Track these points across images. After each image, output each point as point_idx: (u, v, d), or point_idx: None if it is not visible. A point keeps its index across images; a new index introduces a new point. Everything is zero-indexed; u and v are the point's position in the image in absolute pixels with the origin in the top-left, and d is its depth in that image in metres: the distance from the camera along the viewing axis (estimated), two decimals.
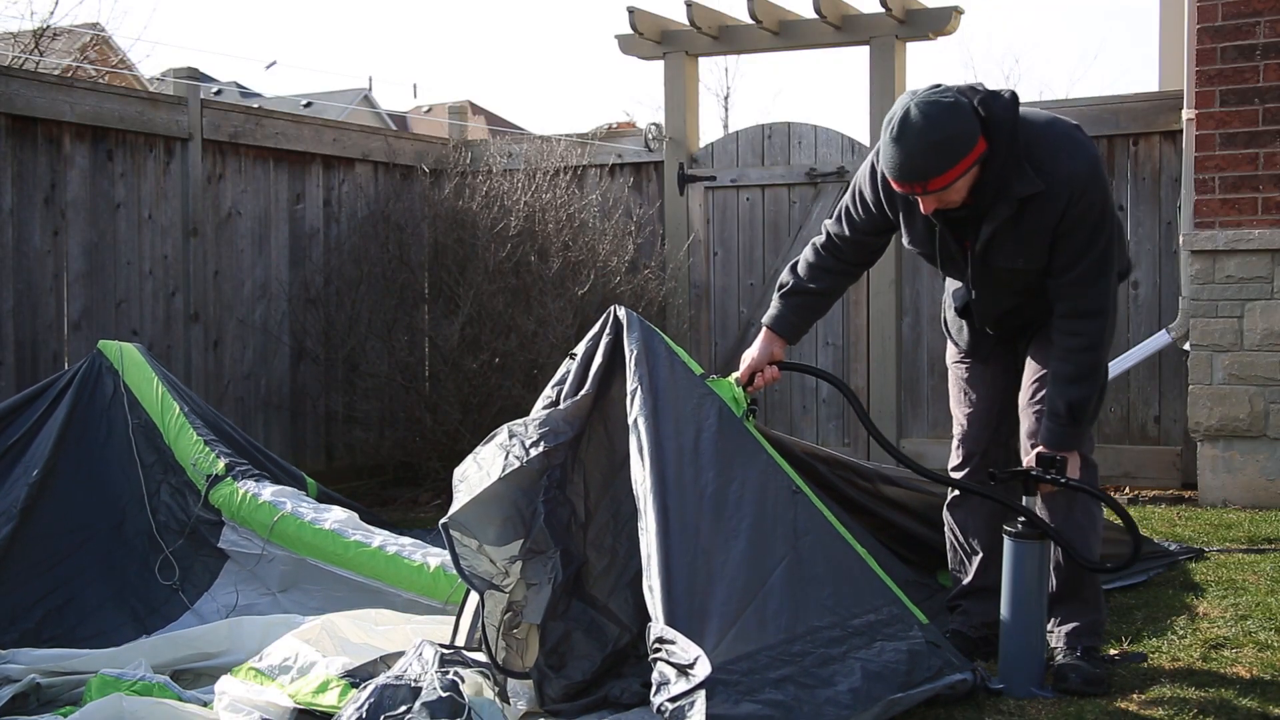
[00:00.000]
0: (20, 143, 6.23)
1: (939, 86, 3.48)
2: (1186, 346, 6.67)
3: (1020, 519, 3.61)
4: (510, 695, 3.37)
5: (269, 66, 54.36)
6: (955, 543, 4.08)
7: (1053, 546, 3.65)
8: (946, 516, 4.10)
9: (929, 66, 48.97)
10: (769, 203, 8.14)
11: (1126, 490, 6.98)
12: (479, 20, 79.81)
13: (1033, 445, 3.75)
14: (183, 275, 6.99)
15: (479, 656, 3.33)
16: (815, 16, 7.76)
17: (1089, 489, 3.65)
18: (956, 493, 4.04)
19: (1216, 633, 4.08)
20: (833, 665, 3.15)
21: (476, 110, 31.35)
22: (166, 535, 4.73)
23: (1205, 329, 6.55)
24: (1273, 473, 6.42)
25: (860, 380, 7.87)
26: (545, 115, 64.54)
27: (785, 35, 8.08)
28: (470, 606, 3.53)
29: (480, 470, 3.39)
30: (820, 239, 3.95)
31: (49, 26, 16.34)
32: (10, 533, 4.55)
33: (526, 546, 3.38)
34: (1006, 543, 3.62)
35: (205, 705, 3.51)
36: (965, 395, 4.05)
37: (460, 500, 3.34)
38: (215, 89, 23.00)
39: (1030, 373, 3.83)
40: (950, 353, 4.15)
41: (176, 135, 6.93)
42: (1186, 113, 6.68)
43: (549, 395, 3.61)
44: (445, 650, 3.24)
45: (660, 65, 8.41)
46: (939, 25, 7.68)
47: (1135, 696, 3.46)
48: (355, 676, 3.32)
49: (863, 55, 7.88)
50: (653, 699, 2.90)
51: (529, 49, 73.52)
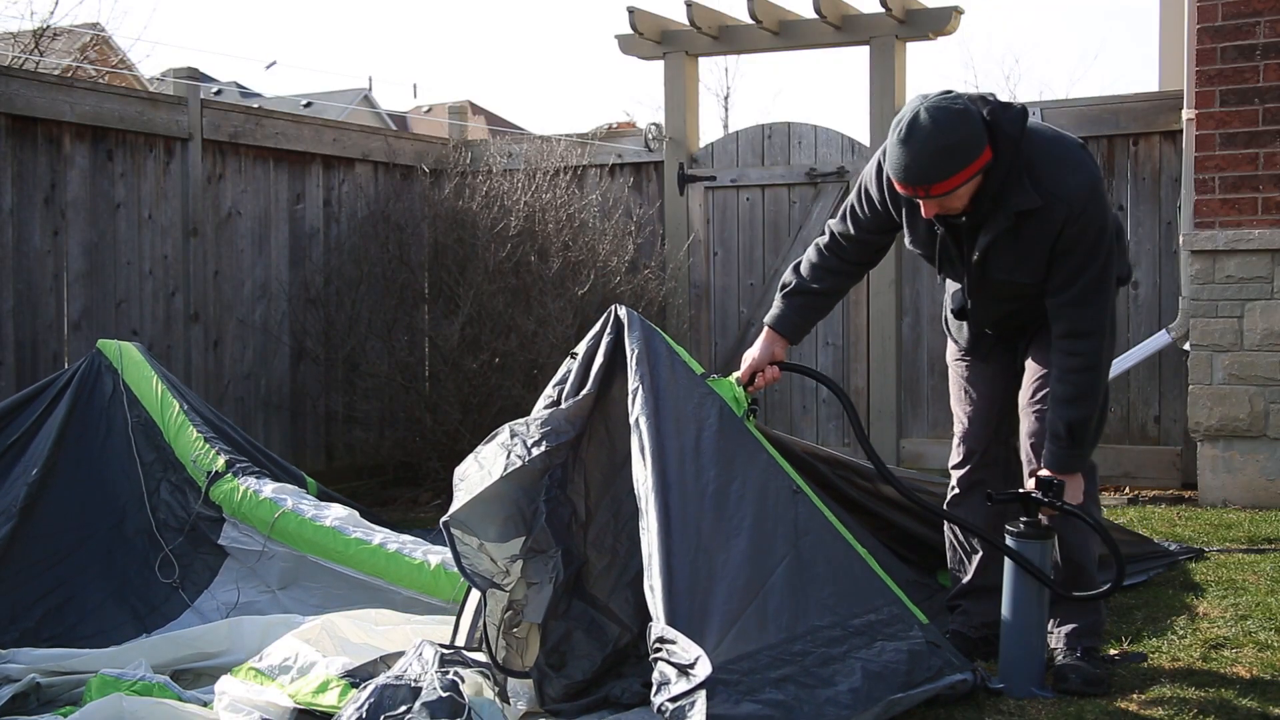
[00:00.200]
0: (20, 143, 6.23)
1: (950, 92, 3.48)
2: (1186, 346, 6.67)
3: (1022, 520, 3.61)
4: (510, 695, 3.37)
5: (269, 66, 54.36)
6: (955, 542, 4.08)
7: (1054, 545, 3.65)
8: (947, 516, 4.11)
9: (929, 66, 49.02)
10: (769, 203, 8.14)
11: (1127, 490, 6.98)
12: (479, 20, 79.81)
13: (1032, 445, 3.76)
14: (183, 275, 6.99)
15: (479, 656, 3.33)
16: (815, 16, 7.76)
17: (1085, 517, 3.63)
18: (956, 491, 4.04)
19: (1216, 633, 4.08)
20: (833, 665, 3.15)
21: (476, 110, 31.34)
22: (166, 533, 4.72)
23: (1205, 329, 6.55)
24: (1273, 473, 6.42)
25: (860, 380, 7.87)
26: (545, 115, 64.59)
27: (785, 35, 8.08)
28: (470, 606, 3.53)
29: (481, 470, 3.39)
30: (823, 239, 3.95)
31: (49, 26, 16.34)
32: (10, 532, 4.55)
33: (527, 545, 3.38)
34: (1008, 542, 3.62)
35: (205, 705, 3.51)
36: (966, 393, 4.06)
37: (461, 499, 3.34)
38: (215, 89, 22.99)
39: (1031, 372, 3.83)
40: (950, 351, 4.15)
41: (176, 135, 6.93)
42: (1186, 113, 6.68)
43: (550, 395, 3.61)
44: (445, 650, 3.24)
45: (660, 65, 8.42)
46: (939, 25, 7.69)
47: (1135, 696, 3.46)
48: (355, 676, 3.32)
49: (863, 55, 7.89)
50: (653, 699, 2.90)
51: (529, 49, 73.52)
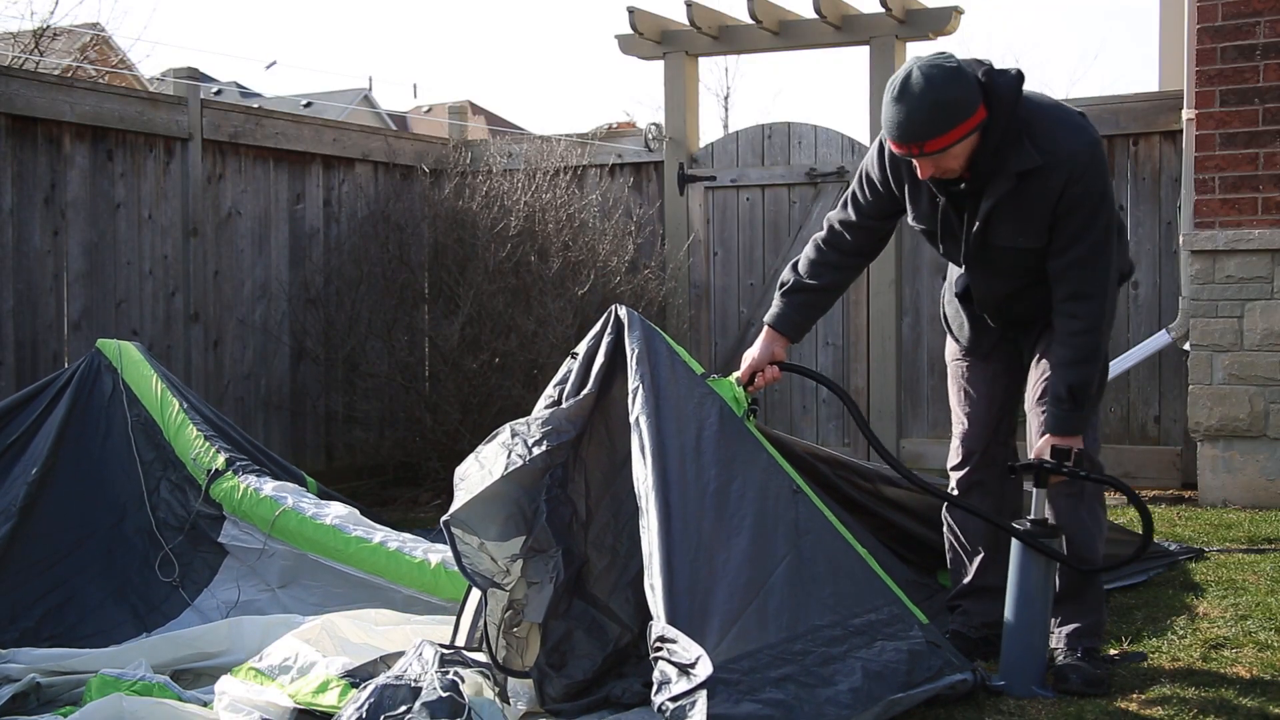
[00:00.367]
0: (20, 143, 6.23)
1: (944, 53, 3.50)
2: (1186, 346, 6.67)
3: (1029, 518, 3.61)
4: (510, 695, 3.36)
5: (269, 66, 54.40)
6: (955, 543, 4.07)
7: (1061, 544, 3.64)
8: (946, 517, 4.10)
9: None
10: (769, 203, 8.14)
11: None
12: (479, 20, 79.83)
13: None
14: (183, 275, 6.99)
15: (479, 656, 3.33)
16: (815, 16, 7.76)
17: (1104, 478, 3.64)
18: (956, 493, 4.02)
19: (1216, 633, 4.07)
20: (833, 665, 3.15)
21: (476, 110, 31.34)
22: (166, 532, 4.72)
23: (1205, 329, 6.55)
24: (1273, 473, 6.42)
25: (860, 380, 7.87)
26: (545, 115, 64.60)
27: (785, 35, 8.08)
28: (470, 606, 3.52)
29: (482, 469, 3.38)
30: (822, 234, 3.93)
31: (49, 26, 16.34)
32: (10, 531, 4.54)
33: (528, 545, 3.38)
34: (1015, 542, 3.61)
35: (205, 705, 3.50)
36: (965, 393, 4.03)
37: (462, 498, 3.33)
38: (215, 89, 22.99)
39: (1039, 373, 3.78)
40: (950, 350, 4.12)
41: (176, 135, 6.93)
42: (1186, 113, 6.68)
43: (551, 394, 3.61)
44: (445, 650, 3.24)
45: (660, 65, 8.41)
46: (939, 25, 7.69)
47: (1135, 696, 3.46)
48: (355, 676, 3.32)
49: (863, 55, 7.89)
50: (653, 698, 2.89)
51: (529, 49, 73.54)
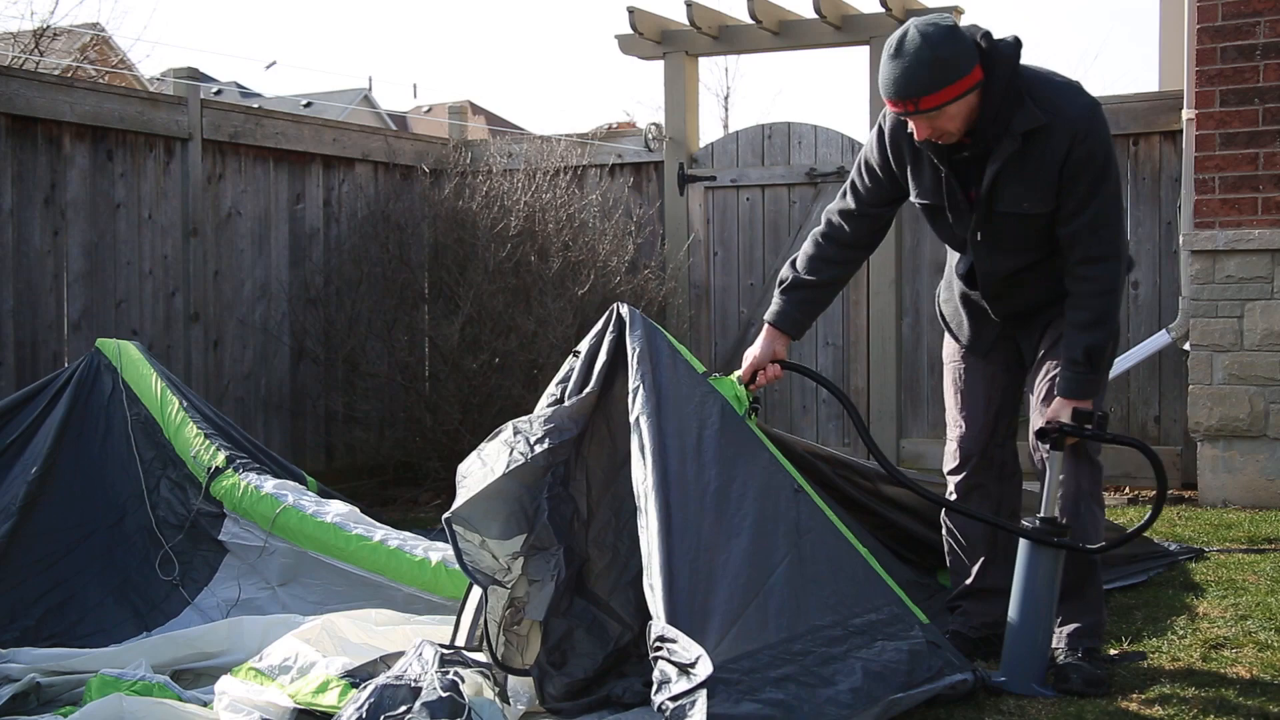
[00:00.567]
0: (20, 143, 6.23)
1: (942, 13, 3.52)
2: (1186, 346, 6.67)
3: (1039, 516, 3.60)
4: (510, 695, 3.36)
5: (269, 66, 54.37)
6: (955, 546, 4.06)
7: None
8: (945, 520, 4.08)
9: None
10: (769, 203, 8.15)
11: (1126, 490, 6.98)
12: (479, 20, 79.85)
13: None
14: (183, 275, 6.99)
15: (479, 656, 3.33)
16: (815, 16, 7.76)
17: (1125, 438, 3.65)
18: (954, 497, 4.00)
19: (1216, 633, 4.07)
20: (834, 664, 3.14)
21: (476, 110, 31.35)
22: (166, 530, 4.71)
23: (1205, 329, 6.55)
24: (1273, 473, 6.42)
25: (860, 380, 7.87)
26: (545, 115, 64.61)
27: (785, 35, 8.08)
28: (470, 606, 3.52)
29: (484, 466, 3.38)
30: (820, 228, 3.92)
31: (49, 26, 16.36)
32: (10, 530, 4.54)
33: (529, 543, 3.37)
34: (1022, 540, 3.61)
35: (205, 705, 3.50)
36: (963, 395, 4.00)
37: (464, 496, 3.33)
38: (215, 89, 23.00)
39: (1046, 371, 3.76)
40: (948, 350, 4.09)
41: (176, 135, 6.93)
42: (1186, 113, 6.68)
43: (553, 393, 3.60)
44: (445, 650, 3.24)
45: (660, 65, 8.42)
46: None
47: (1135, 696, 3.46)
48: (355, 676, 3.32)
49: (863, 55, 7.89)
50: (653, 698, 2.89)
51: (529, 49, 73.57)
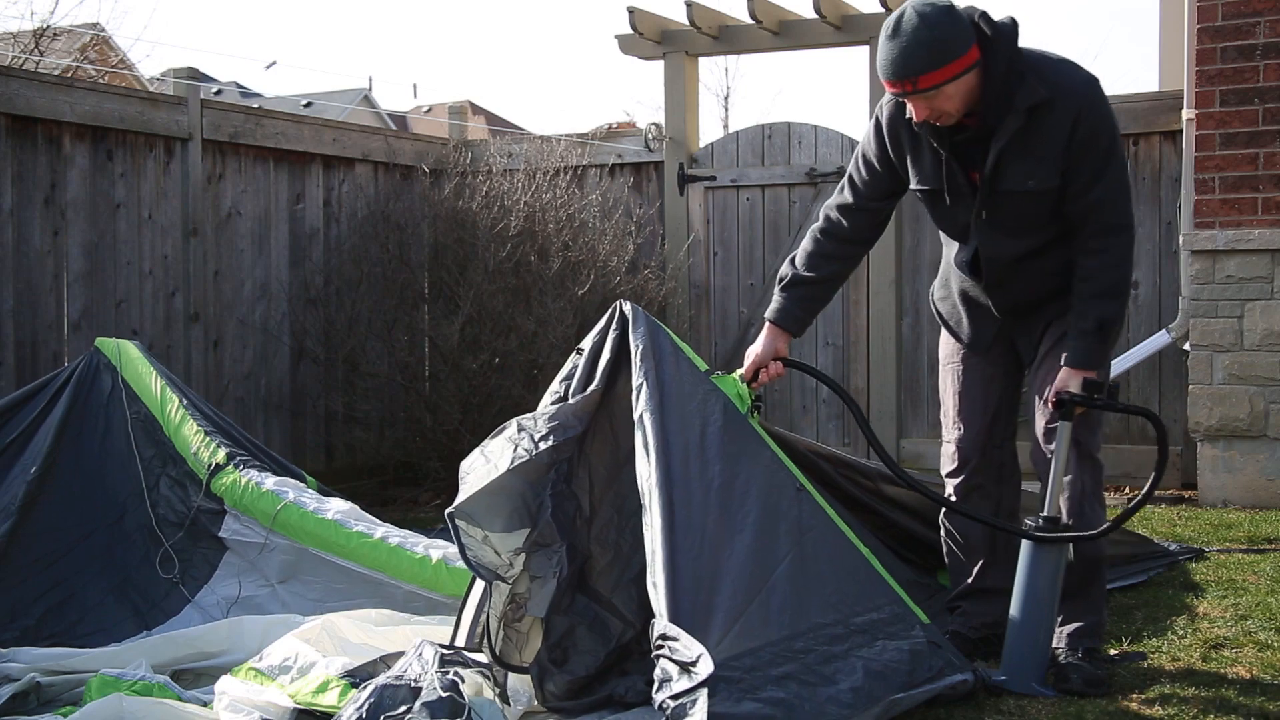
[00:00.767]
0: (20, 143, 6.23)
1: None
2: (1186, 346, 6.67)
3: (1041, 515, 3.60)
4: (510, 696, 3.36)
5: (269, 66, 54.39)
6: (954, 547, 4.05)
7: (1068, 545, 3.63)
8: (944, 523, 4.07)
9: None
10: (769, 203, 8.15)
11: (1127, 490, 6.98)
12: (479, 20, 79.87)
13: (1048, 424, 3.70)
14: (183, 275, 6.99)
15: (479, 657, 3.32)
16: (815, 16, 7.76)
17: (1133, 407, 3.64)
18: (954, 499, 3.99)
19: (1216, 633, 4.07)
20: (835, 663, 3.14)
21: (476, 110, 31.35)
22: (166, 528, 4.69)
23: (1205, 329, 6.55)
24: (1273, 473, 6.42)
25: (860, 380, 7.87)
26: (545, 115, 64.62)
27: (785, 35, 8.08)
28: (470, 606, 3.51)
29: (488, 463, 3.37)
30: (818, 224, 3.91)
31: (49, 26, 16.36)
32: (9, 530, 4.52)
33: (532, 539, 3.37)
34: (1025, 540, 3.60)
35: (205, 705, 3.50)
36: (961, 396, 3.97)
37: (467, 491, 3.32)
38: (215, 89, 23.00)
39: (1044, 372, 3.74)
40: (945, 350, 4.05)
41: (176, 135, 6.93)
42: (1186, 113, 6.68)
43: (557, 391, 3.59)
44: (445, 650, 3.23)
45: (660, 65, 8.42)
46: None
47: (1135, 696, 3.46)
48: (355, 676, 3.31)
49: (863, 55, 7.90)
50: (654, 696, 2.89)
51: (529, 49, 73.59)
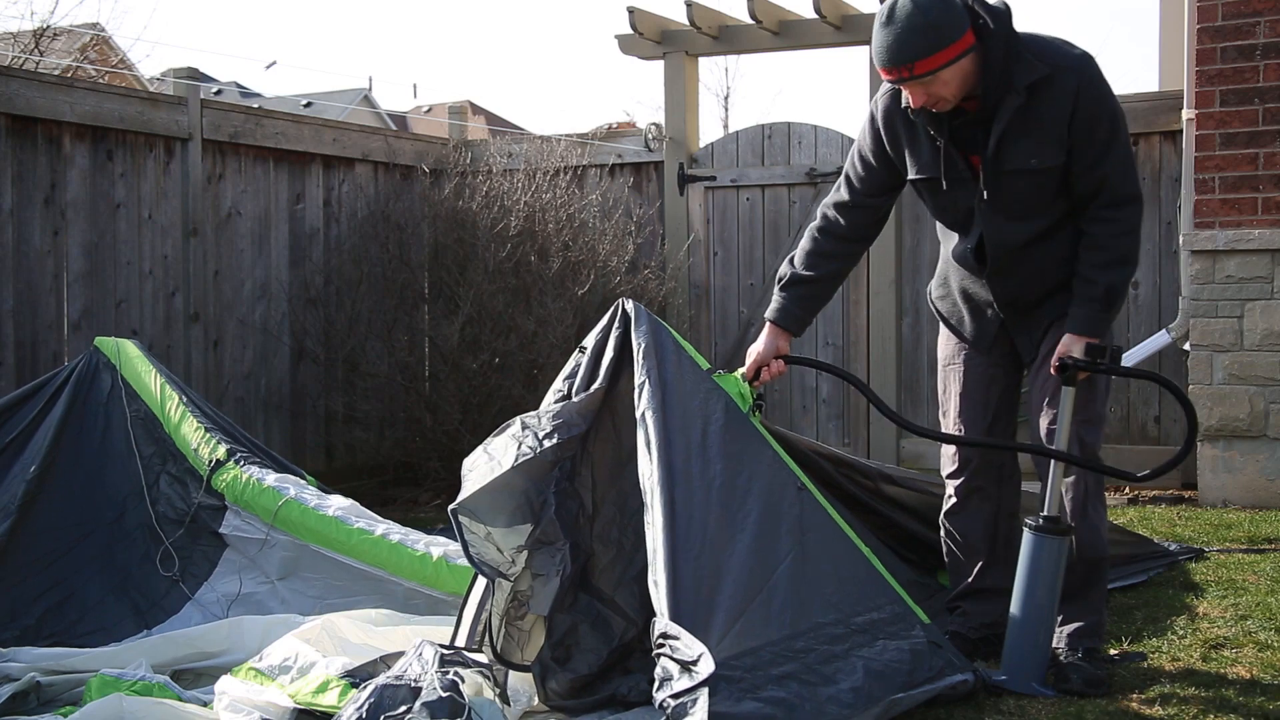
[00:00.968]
0: (20, 143, 6.23)
1: None
2: (1186, 346, 6.67)
3: (1042, 514, 3.60)
4: (510, 696, 3.36)
5: (269, 66, 54.44)
6: (954, 546, 4.05)
7: (1070, 543, 3.63)
8: (944, 524, 4.06)
9: None
10: (769, 203, 8.15)
11: (1126, 490, 6.98)
12: (479, 20, 79.90)
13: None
14: (183, 275, 6.99)
15: (479, 657, 3.32)
16: (815, 16, 7.76)
17: (1140, 371, 3.62)
18: (954, 500, 3.99)
19: (1216, 633, 4.07)
20: (835, 663, 3.14)
21: (476, 110, 31.36)
22: (166, 526, 4.69)
23: (1205, 329, 6.55)
24: (1273, 473, 6.42)
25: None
26: (545, 115, 64.65)
27: (785, 35, 8.08)
28: (471, 606, 3.51)
29: (491, 460, 3.37)
30: (816, 223, 3.91)
31: (49, 26, 16.37)
32: (9, 529, 4.52)
33: (534, 536, 3.37)
34: (1026, 536, 3.59)
35: (205, 705, 3.50)
36: (961, 397, 3.96)
37: (470, 488, 3.32)
38: (215, 89, 23.00)
39: (1044, 373, 3.73)
40: (944, 351, 4.04)
41: (176, 135, 6.93)
42: (1186, 113, 6.68)
43: (560, 389, 3.59)
44: (445, 650, 3.23)
45: (660, 65, 8.42)
46: None
47: (1135, 696, 3.46)
48: (355, 676, 3.31)
49: (863, 55, 7.89)
50: (655, 695, 2.89)
51: (529, 49, 73.62)
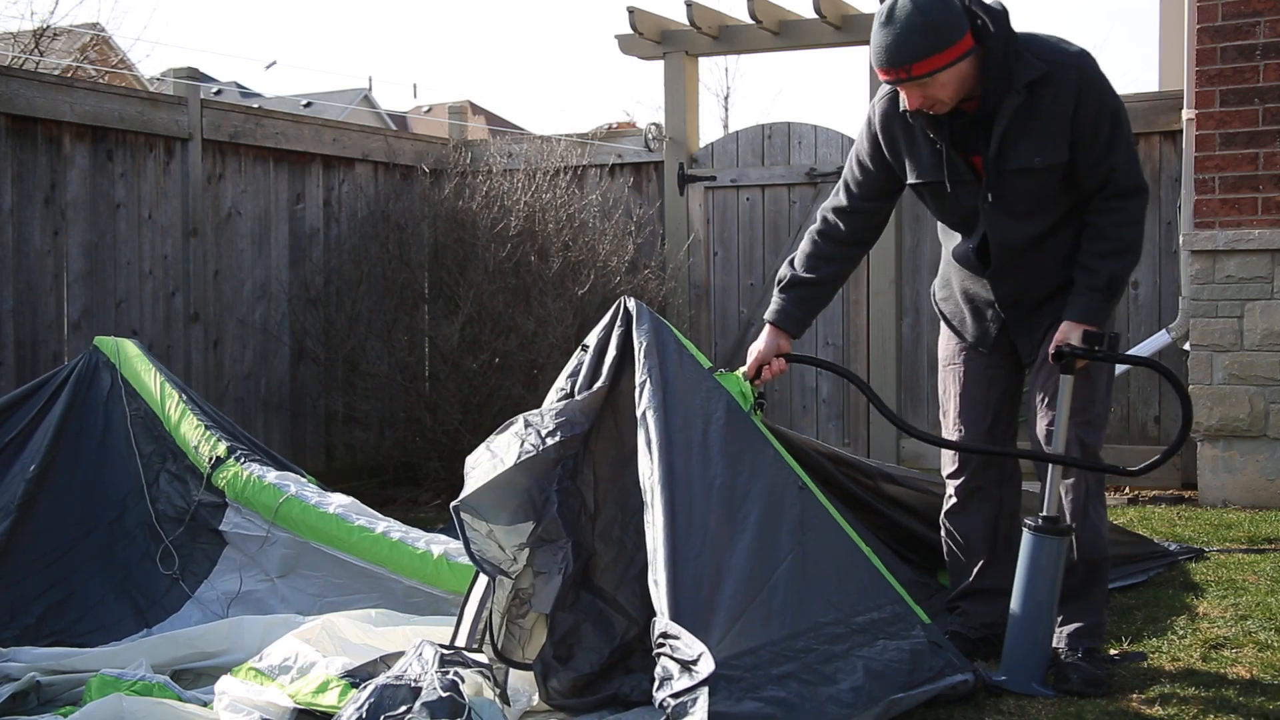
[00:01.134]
0: (20, 143, 6.23)
1: None
2: (1186, 346, 6.67)
3: (1041, 515, 3.59)
4: (510, 696, 3.36)
5: (269, 66, 54.47)
6: (954, 548, 4.05)
7: (1071, 544, 3.62)
8: (944, 524, 4.06)
9: None
10: (769, 203, 8.15)
11: (1126, 490, 6.98)
12: (479, 20, 79.89)
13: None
14: (183, 275, 6.99)
15: (479, 657, 3.32)
16: (815, 16, 7.77)
17: (1136, 358, 3.64)
18: (954, 500, 3.99)
19: (1216, 633, 4.07)
20: (836, 662, 3.13)
21: (476, 110, 31.37)
22: (166, 524, 4.69)
23: (1205, 329, 6.55)
24: (1273, 473, 6.42)
25: None
26: (545, 115, 64.66)
27: (785, 35, 8.08)
28: (472, 606, 3.51)
29: (494, 458, 3.37)
30: (816, 226, 3.91)
31: (49, 26, 16.38)
32: (9, 528, 4.52)
33: (536, 534, 3.37)
34: (1026, 536, 3.59)
35: (205, 705, 3.50)
36: (961, 398, 3.96)
37: (472, 485, 3.32)
38: (215, 89, 23.01)
39: (1044, 374, 3.73)
40: (945, 351, 4.04)
41: (176, 135, 6.93)
42: (1186, 113, 6.68)
43: (563, 387, 3.58)
44: (445, 650, 3.23)
45: (660, 65, 8.42)
46: None
47: (1135, 696, 3.46)
48: (355, 676, 3.31)
49: (863, 55, 7.90)
50: (655, 694, 2.89)
51: (529, 49, 73.62)
